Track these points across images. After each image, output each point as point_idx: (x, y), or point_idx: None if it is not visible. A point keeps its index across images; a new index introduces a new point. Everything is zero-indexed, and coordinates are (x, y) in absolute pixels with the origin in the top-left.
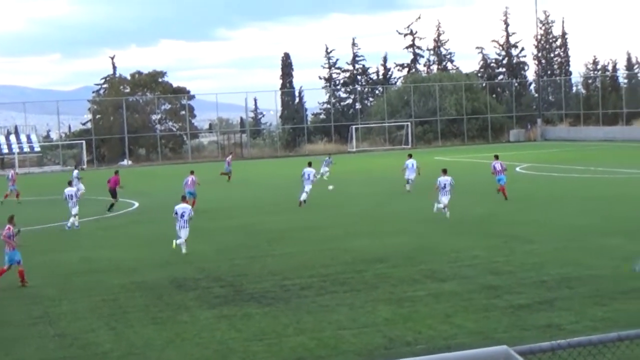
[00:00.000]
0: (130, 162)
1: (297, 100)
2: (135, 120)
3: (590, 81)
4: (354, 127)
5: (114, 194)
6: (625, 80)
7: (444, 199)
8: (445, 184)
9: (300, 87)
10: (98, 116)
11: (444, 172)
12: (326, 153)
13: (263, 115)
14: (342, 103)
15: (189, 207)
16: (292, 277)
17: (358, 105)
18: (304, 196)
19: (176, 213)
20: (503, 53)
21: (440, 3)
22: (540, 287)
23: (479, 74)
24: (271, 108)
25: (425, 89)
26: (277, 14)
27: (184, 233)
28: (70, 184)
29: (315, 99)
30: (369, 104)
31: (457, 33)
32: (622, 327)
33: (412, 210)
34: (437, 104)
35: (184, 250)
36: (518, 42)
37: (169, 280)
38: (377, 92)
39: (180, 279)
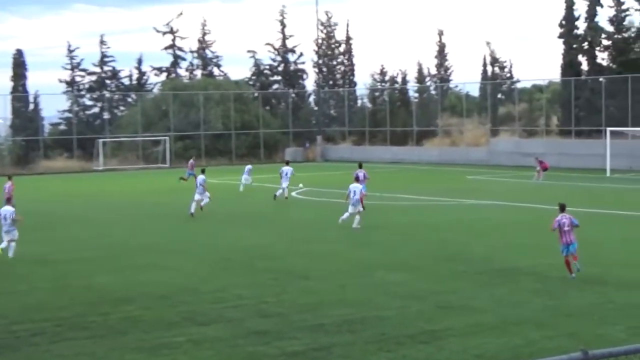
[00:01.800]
0: None
1: (31, 107)
2: None
3: (377, 94)
4: (101, 141)
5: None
6: (416, 95)
7: (355, 208)
8: (355, 191)
9: (36, 92)
10: None
11: (356, 179)
12: (69, 171)
13: None
14: (87, 112)
15: (12, 209)
16: (22, 321)
17: (107, 115)
18: (193, 206)
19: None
20: (279, 58)
21: None
22: (318, 331)
23: (251, 82)
24: None
25: (187, 98)
26: (7, 2)
27: (9, 236)
28: None
29: (54, 106)
30: (119, 113)
31: (225, 33)
32: None
33: (168, 241)
34: (201, 116)
35: (10, 254)
36: (296, 46)
37: None
38: (129, 99)
39: None
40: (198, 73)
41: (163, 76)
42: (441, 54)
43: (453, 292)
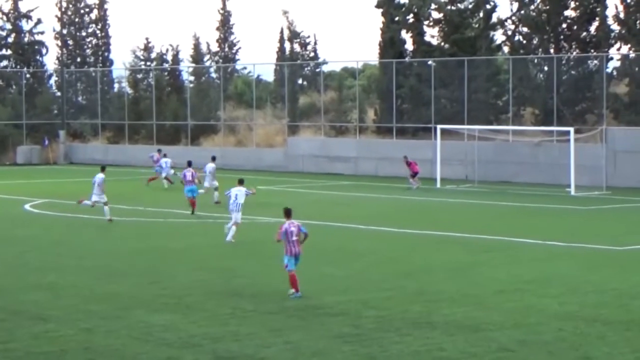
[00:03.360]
0: None
1: None
2: None
3: (140, 76)
4: None
5: None
6: (192, 78)
7: (237, 215)
8: (238, 195)
9: None
10: None
11: (240, 182)
12: None
13: None
14: None
15: None
16: None
17: None
18: (89, 202)
19: None
20: (8, 26)
21: None
22: None
23: None
24: None
25: None
26: None
27: None
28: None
29: None
30: None
31: None
32: None
33: None
34: None
35: None
36: (32, 10)
37: None
38: None
39: None
40: None
41: None
42: (225, 26)
43: (237, 338)
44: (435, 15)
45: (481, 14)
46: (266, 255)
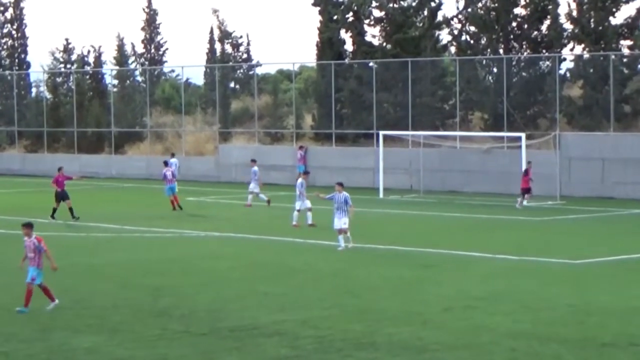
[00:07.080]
0: None
1: None
2: None
3: (60, 80)
4: None
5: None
6: (116, 82)
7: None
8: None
9: None
10: None
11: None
12: None
13: None
14: None
15: None
16: None
17: None
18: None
19: None
20: None
21: None
22: None
23: None
24: None
25: None
26: None
27: None
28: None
29: None
30: None
31: None
32: None
33: None
34: None
35: None
36: None
37: None
38: None
39: None
40: None
41: None
42: (151, 26)
43: None
44: (377, 13)
45: (426, 12)
46: (195, 273)
